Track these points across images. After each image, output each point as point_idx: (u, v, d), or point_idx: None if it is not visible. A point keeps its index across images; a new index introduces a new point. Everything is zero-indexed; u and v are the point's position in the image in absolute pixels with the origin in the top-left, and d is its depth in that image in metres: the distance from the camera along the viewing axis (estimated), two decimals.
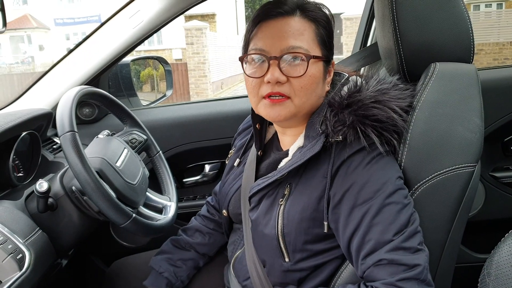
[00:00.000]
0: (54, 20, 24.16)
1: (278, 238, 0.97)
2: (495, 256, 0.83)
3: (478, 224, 1.70)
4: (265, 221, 1.00)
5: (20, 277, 0.97)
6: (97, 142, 1.27)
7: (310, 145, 0.96)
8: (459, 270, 1.17)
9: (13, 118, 1.24)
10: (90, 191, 1.05)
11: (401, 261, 0.83)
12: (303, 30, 0.97)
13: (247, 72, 1.00)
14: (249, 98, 1.03)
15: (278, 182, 1.01)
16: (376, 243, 0.86)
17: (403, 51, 1.03)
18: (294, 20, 0.97)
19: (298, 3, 0.99)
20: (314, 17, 0.99)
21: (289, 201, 0.97)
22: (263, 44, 0.97)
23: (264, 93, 0.97)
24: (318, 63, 0.97)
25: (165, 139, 1.75)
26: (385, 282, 0.83)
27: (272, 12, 0.98)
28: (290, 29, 0.96)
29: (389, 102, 0.94)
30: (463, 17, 1.02)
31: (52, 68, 1.61)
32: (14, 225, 1.04)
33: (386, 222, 0.86)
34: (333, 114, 0.94)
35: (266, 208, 1.01)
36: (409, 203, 0.89)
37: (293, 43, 0.95)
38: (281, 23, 0.97)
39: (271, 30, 0.97)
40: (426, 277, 0.84)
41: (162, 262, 1.27)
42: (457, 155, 0.92)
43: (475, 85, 0.98)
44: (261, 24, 0.99)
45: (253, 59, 0.98)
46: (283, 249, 0.98)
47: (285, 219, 0.96)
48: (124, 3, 1.55)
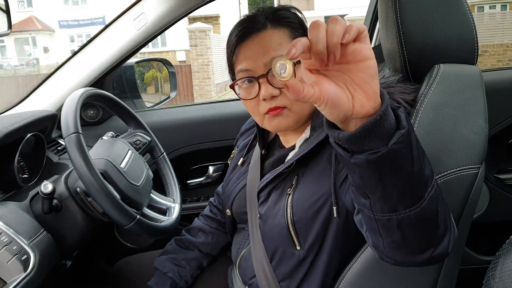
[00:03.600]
0: (58, 22, 24.25)
1: (288, 226, 0.97)
2: (500, 258, 0.83)
3: (483, 226, 1.69)
4: (274, 212, 1.01)
5: (25, 278, 0.98)
6: (101, 144, 1.28)
7: (316, 133, 0.97)
8: (463, 273, 1.16)
9: (18, 119, 1.24)
10: (95, 192, 1.05)
11: None
12: (280, 39, 0.98)
13: (241, 96, 1.02)
14: (253, 117, 1.05)
15: (286, 174, 1.02)
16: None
17: (406, 52, 1.03)
18: (268, 33, 0.98)
19: (266, 15, 1.00)
20: (286, 22, 1.00)
21: (297, 190, 0.98)
22: (246, 65, 0.99)
23: (264, 110, 0.99)
24: None
25: (169, 140, 1.75)
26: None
27: (246, 32, 0.99)
28: (267, 43, 0.97)
29: (394, 94, 0.95)
30: (467, 18, 1.02)
31: (56, 70, 1.62)
32: (19, 226, 1.05)
33: None
34: None
35: (275, 200, 1.02)
36: None
37: (274, 55, 0.96)
38: (256, 40, 0.98)
39: (250, 50, 0.99)
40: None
41: (166, 262, 1.28)
42: (461, 156, 0.91)
43: (479, 86, 0.98)
44: (238, 47, 1.00)
45: (243, 82, 1.00)
46: (294, 237, 0.98)
47: (294, 207, 0.97)
48: (128, 5, 1.56)
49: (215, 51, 13.23)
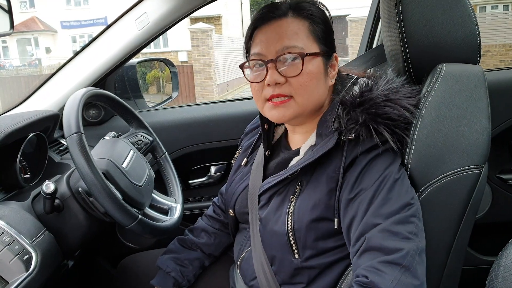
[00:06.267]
0: (61, 22, 24.31)
1: (288, 234, 0.97)
2: (502, 258, 0.83)
3: (485, 226, 1.68)
4: (275, 218, 1.01)
5: (27, 278, 0.98)
6: (103, 144, 1.28)
7: (323, 142, 0.97)
8: (466, 273, 1.16)
9: (20, 119, 1.25)
10: (97, 192, 1.05)
11: (383, 245, 0.83)
12: (297, 29, 0.99)
13: (248, 78, 1.03)
14: (255, 102, 1.06)
15: (289, 180, 1.01)
16: (365, 225, 0.86)
17: (409, 52, 1.03)
18: (287, 21, 0.99)
19: (290, 4, 1.02)
20: (308, 15, 1.01)
21: (300, 198, 0.98)
22: (259, 49, 1.00)
23: (267, 96, 1.00)
24: (315, 59, 0.99)
25: (171, 140, 1.75)
26: (366, 265, 0.83)
27: (266, 17, 1.01)
28: (284, 30, 0.98)
29: (400, 100, 0.95)
30: (469, 18, 1.01)
31: (58, 70, 1.62)
32: (21, 226, 1.05)
33: (377, 205, 0.87)
34: (345, 112, 0.95)
35: (277, 206, 1.02)
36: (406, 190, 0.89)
37: (287, 43, 0.97)
38: (274, 26, 1.00)
39: (266, 35, 1.00)
40: (411, 265, 0.82)
41: (169, 262, 1.27)
42: (464, 156, 0.91)
43: (482, 86, 0.97)
44: (257, 30, 1.02)
45: (253, 65, 1.02)
46: (293, 245, 0.98)
47: (296, 215, 0.97)
48: (130, 6, 1.56)
49: (217, 51, 13.25)
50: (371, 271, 0.82)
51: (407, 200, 0.88)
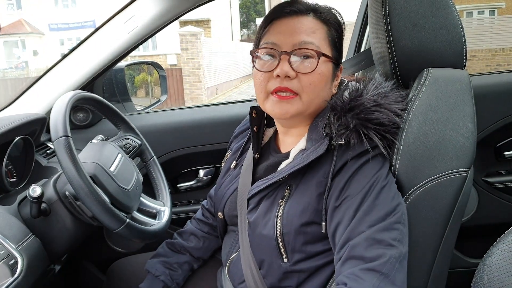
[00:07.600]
0: (48, 25, 24.08)
1: (277, 238, 0.97)
2: (487, 260, 0.84)
3: (471, 229, 1.70)
4: (264, 222, 1.00)
5: (13, 282, 0.96)
6: (91, 147, 1.27)
7: (313, 147, 0.97)
8: (452, 275, 1.17)
9: (6, 123, 1.23)
10: (84, 196, 1.04)
11: (365, 253, 0.83)
12: (316, 29, 0.99)
13: (257, 66, 1.01)
14: (256, 94, 1.04)
15: (278, 184, 1.01)
16: (350, 232, 0.87)
17: (396, 57, 1.04)
18: (307, 19, 0.99)
19: (311, 6, 1.02)
20: (326, 19, 1.01)
21: (289, 202, 0.97)
22: (275, 39, 0.99)
23: (272, 88, 0.98)
24: (328, 63, 0.99)
25: (159, 144, 1.75)
26: (347, 272, 0.83)
27: (286, 10, 1.00)
28: (303, 26, 0.98)
29: (390, 105, 0.96)
30: (455, 23, 1.03)
31: (46, 73, 1.61)
32: (7, 230, 1.04)
33: (363, 213, 0.87)
34: (336, 117, 0.95)
35: (266, 209, 1.01)
36: (393, 197, 0.90)
37: (305, 39, 0.97)
38: (294, 20, 0.99)
39: (283, 27, 0.99)
40: (390, 272, 0.82)
41: (157, 265, 1.27)
42: (450, 160, 0.92)
43: (468, 90, 0.99)
44: (274, 21, 1.01)
45: (264, 53, 1.00)
46: (281, 249, 0.98)
47: (285, 219, 0.97)
48: (119, 8, 1.56)
49: (206, 54, 13.24)
50: (350, 278, 0.82)
51: (393, 206, 0.88)
